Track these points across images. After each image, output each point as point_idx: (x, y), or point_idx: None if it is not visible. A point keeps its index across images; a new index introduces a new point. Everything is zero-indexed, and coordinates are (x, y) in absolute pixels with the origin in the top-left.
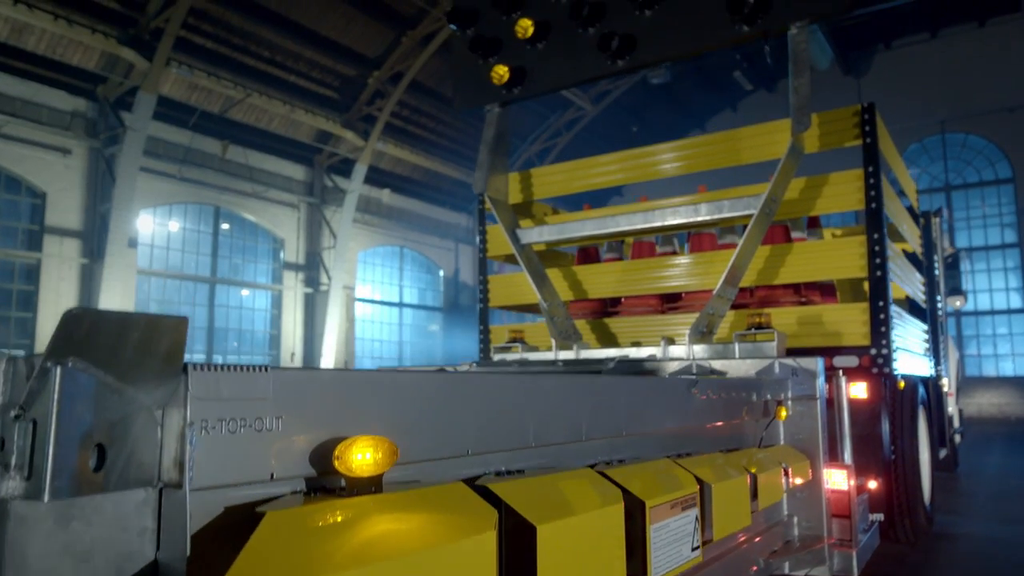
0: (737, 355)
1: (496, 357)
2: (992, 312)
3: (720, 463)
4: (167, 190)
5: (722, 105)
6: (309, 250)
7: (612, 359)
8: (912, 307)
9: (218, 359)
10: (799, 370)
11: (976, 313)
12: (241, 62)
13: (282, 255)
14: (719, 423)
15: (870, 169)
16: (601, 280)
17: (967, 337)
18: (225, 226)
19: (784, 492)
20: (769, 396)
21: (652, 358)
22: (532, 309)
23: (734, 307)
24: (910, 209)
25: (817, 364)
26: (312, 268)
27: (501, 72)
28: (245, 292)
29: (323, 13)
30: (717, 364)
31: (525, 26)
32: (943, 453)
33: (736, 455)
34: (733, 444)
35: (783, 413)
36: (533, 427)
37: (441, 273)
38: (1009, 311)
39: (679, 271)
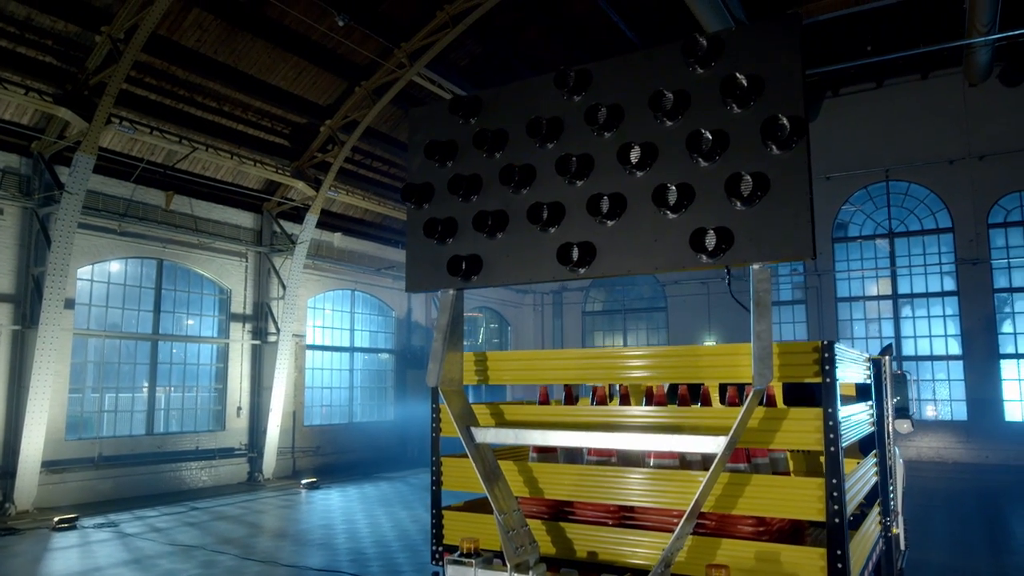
0: None
1: (450, 572)
2: (931, 358)
3: None
4: (106, 246)
5: None
6: (257, 300)
7: None
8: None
9: (160, 413)
10: None
11: (916, 358)
12: (187, 113)
13: (229, 306)
14: None
15: (829, 411)
16: (557, 480)
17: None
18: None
19: None
20: None
21: None
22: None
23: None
24: (861, 386)
25: None
26: (260, 319)
27: (457, 261)
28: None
29: (273, 64)
30: None
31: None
32: None
33: None
34: None
35: None
36: None
37: (393, 314)
38: (947, 357)
39: (637, 485)
